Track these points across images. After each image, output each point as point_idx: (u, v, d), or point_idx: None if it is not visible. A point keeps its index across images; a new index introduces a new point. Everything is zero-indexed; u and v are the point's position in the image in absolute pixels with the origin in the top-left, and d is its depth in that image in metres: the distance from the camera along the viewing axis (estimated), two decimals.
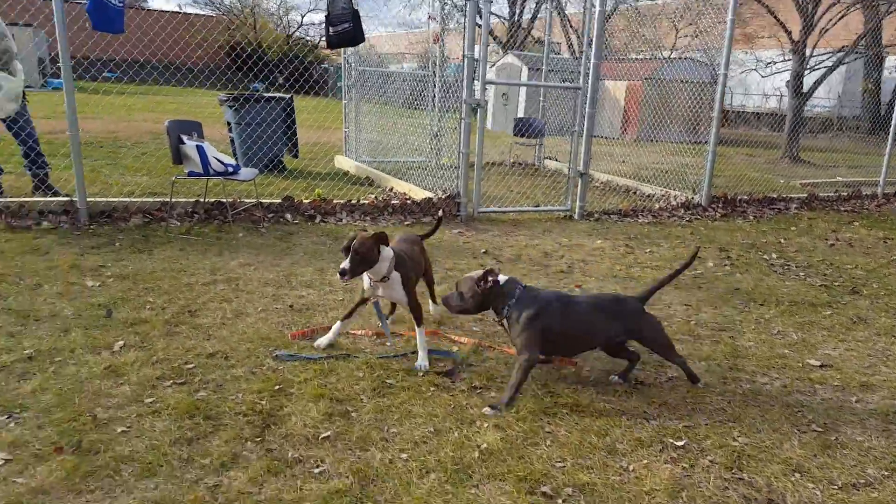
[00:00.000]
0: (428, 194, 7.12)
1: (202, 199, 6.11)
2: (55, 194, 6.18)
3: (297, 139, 8.79)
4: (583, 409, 3.19)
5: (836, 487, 2.67)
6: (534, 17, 22.85)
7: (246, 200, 6.30)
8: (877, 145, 16.70)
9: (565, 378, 3.54)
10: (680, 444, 2.93)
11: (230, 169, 5.51)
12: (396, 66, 13.21)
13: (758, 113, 16.04)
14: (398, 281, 3.49)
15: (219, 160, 5.43)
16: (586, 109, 7.08)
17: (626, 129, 15.58)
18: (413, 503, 2.42)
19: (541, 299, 3.25)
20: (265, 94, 8.52)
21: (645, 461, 2.78)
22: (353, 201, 6.63)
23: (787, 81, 12.85)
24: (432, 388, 3.31)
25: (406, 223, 6.58)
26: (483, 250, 5.89)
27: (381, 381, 3.34)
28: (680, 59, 15.07)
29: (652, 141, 13.52)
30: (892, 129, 9.70)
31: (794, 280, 5.64)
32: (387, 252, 3.44)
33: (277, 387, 3.22)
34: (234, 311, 4.12)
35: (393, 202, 6.74)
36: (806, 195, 9.22)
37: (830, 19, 11.71)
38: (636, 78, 14.35)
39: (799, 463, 2.82)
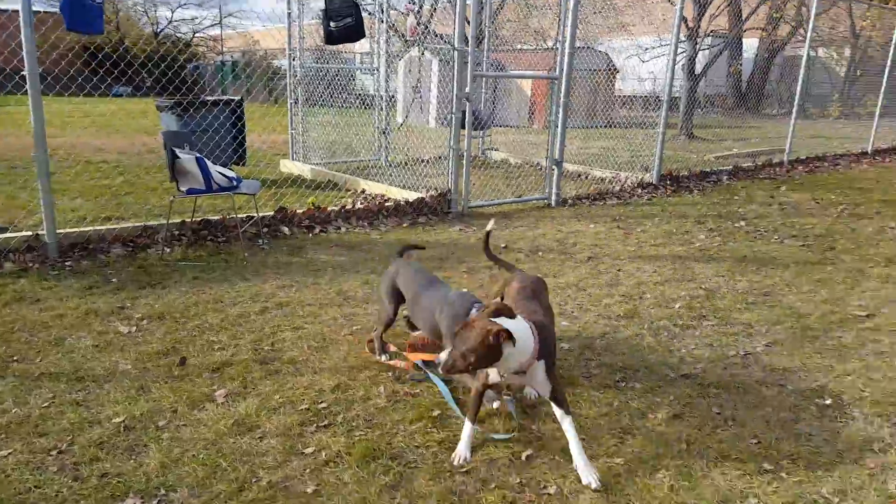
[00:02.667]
0: (410, 194, 6.84)
1: (189, 220, 5.39)
2: None
3: (245, 146, 8.06)
4: None
5: None
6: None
7: (234, 216, 5.65)
8: (741, 118, 18.56)
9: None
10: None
11: (235, 183, 4.90)
12: (347, 63, 12.54)
13: (646, 97, 17.25)
14: (542, 368, 2.48)
15: (222, 174, 4.81)
16: (561, 99, 7.14)
17: (533, 118, 16.00)
18: None
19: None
20: (211, 98, 7.70)
21: None
22: (346, 207, 6.19)
23: (682, 65, 13.84)
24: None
25: (404, 225, 6.27)
26: (503, 244, 5.76)
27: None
28: (580, 48, 15.71)
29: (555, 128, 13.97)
30: (795, 105, 10.77)
31: (777, 244, 6.07)
32: (522, 331, 2.40)
33: (435, 412, 2.91)
34: (315, 338, 3.68)
35: (387, 205, 6.38)
36: (731, 167, 9.99)
37: (719, 6, 12.79)
38: (540, 68, 14.76)
39: None
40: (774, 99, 21.18)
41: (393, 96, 9.67)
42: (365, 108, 9.34)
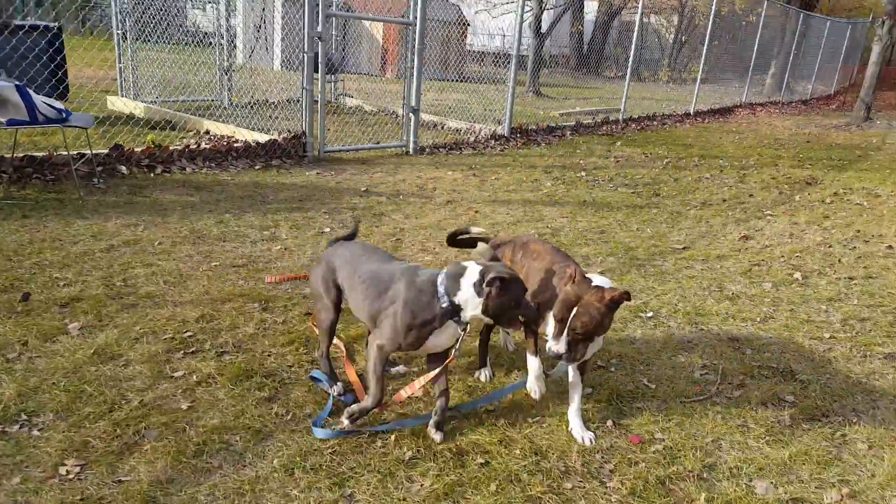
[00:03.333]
0: (261, 136, 6.73)
1: (10, 156, 4.92)
2: None
3: (67, 80, 7.33)
4: None
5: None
6: None
7: (63, 153, 5.23)
8: (583, 79, 19.97)
9: None
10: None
11: (64, 115, 4.53)
12: None
13: (497, 53, 17.90)
14: None
15: (49, 104, 4.42)
16: (416, 45, 7.34)
17: (385, 67, 16.04)
18: None
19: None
20: (24, 23, 6.87)
21: None
22: (191, 147, 5.97)
23: (529, 23, 14.58)
24: None
25: (256, 167, 6.20)
26: (363, 188, 5.93)
27: None
28: None
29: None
30: (628, 70, 11.86)
31: (610, 190, 6.85)
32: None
33: (307, 338, 3.08)
34: (171, 274, 3.65)
35: (236, 146, 6.24)
36: (574, 123, 10.87)
37: None
38: (391, 14, 14.79)
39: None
40: (612, 61, 23.03)
41: (234, 34, 9.29)
42: (200, 46, 8.86)
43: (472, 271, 2.34)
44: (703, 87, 14.88)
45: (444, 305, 2.34)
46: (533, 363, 2.59)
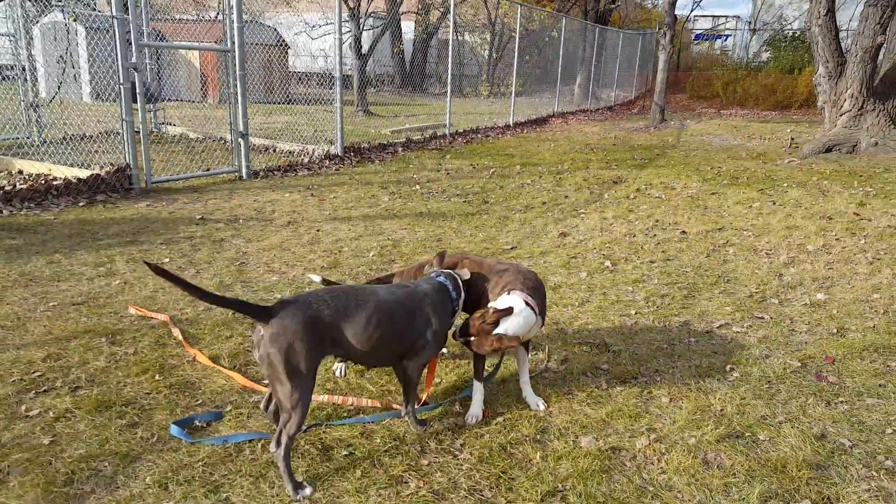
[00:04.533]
0: (81, 171, 6.49)
1: None
2: None
3: None
4: None
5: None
6: None
7: None
8: (410, 96, 20.83)
9: None
10: None
11: None
12: None
13: (321, 73, 18.13)
14: None
15: None
16: (237, 71, 7.46)
17: (206, 92, 15.66)
18: None
19: None
20: None
21: None
22: (5, 188, 5.63)
23: (350, 44, 15.04)
24: None
25: (80, 204, 5.98)
26: (199, 216, 5.95)
27: None
28: (248, 21, 15.81)
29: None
30: (449, 86, 12.71)
31: (444, 201, 7.45)
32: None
33: (161, 365, 3.20)
34: (8, 318, 3.57)
35: (55, 183, 5.97)
36: (404, 139, 11.45)
37: None
38: (207, 39, 14.54)
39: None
40: (435, 79, 24.28)
41: (34, 66, 8.77)
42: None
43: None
44: (519, 99, 16.26)
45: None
46: (478, 388, 3.01)
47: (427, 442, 2.74)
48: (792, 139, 13.37)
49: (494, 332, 2.78)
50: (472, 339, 2.82)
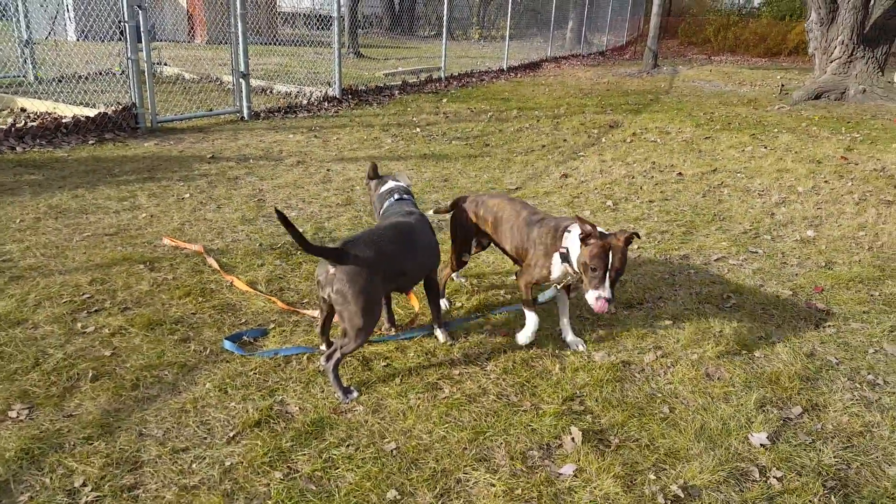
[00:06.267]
0: (87, 110, 6.55)
1: None
2: None
3: None
4: None
5: None
6: None
7: None
8: (399, 39, 20.58)
9: None
10: None
11: None
12: None
13: (307, 14, 17.84)
14: None
15: None
16: (238, 10, 7.45)
17: (193, 33, 15.42)
18: None
19: None
20: None
21: None
22: (17, 126, 5.71)
23: None
24: None
25: (90, 142, 6.09)
26: (209, 155, 6.09)
27: None
28: None
29: (225, 43, 13.94)
30: (444, 29, 12.64)
31: (446, 144, 7.61)
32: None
33: (202, 289, 3.43)
34: (47, 247, 3.76)
35: (64, 121, 6.05)
36: (400, 82, 11.49)
37: None
38: None
39: None
40: (425, 21, 23.95)
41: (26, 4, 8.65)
42: None
43: None
44: (511, 43, 16.20)
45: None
46: (532, 317, 3.10)
47: (456, 355, 3.02)
48: (782, 86, 13.56)
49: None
50: (609, 253, 2.68)
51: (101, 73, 8.74)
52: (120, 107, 6.56)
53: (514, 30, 16.17)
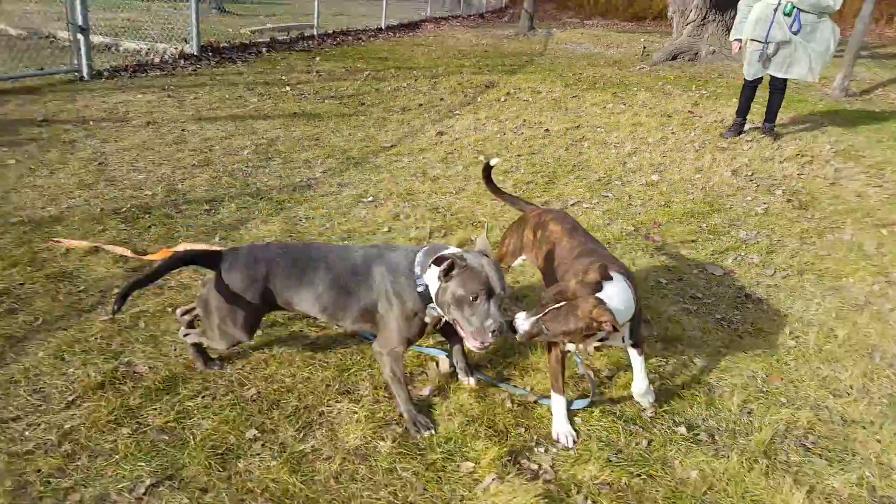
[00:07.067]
0: None
1: None
2: None
3: None
4: None
5: None
6: None
7: None
8: None
9: None
10: None
11: None
12: None
13: None
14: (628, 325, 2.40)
15: None
16: None
17: None
18: None
19: None
20: None
21: None
22: None
23: None
24: None
25: None
26: (40, 118, 5.57)
27: None
28: None
29: None
30: None
31: (318, 102, 7.37)
32: (623, 295, 2.21)
33: (31, 259, 3.11)
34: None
35: None
36: (269, 39, 10.96)
37: None
38: None
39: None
40: None
41: None
42: None
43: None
44: (391, 2, 15.90)
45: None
46: (558, 402, 2.35)
47: None
48: (644, 48, 14.21)
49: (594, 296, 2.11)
50: (561, 305, 2.12)
51: None
52: None
53: None
